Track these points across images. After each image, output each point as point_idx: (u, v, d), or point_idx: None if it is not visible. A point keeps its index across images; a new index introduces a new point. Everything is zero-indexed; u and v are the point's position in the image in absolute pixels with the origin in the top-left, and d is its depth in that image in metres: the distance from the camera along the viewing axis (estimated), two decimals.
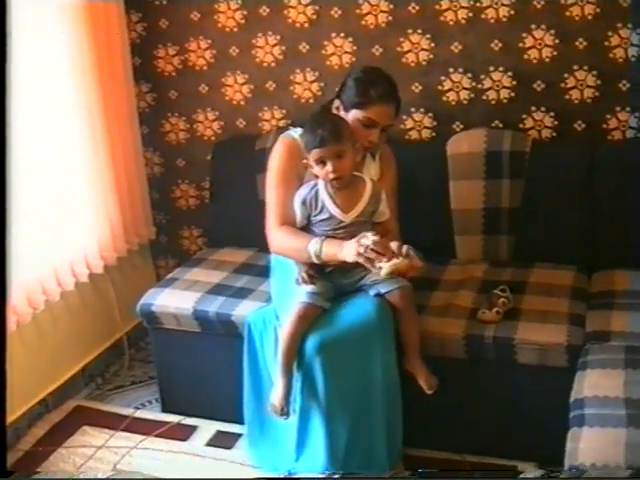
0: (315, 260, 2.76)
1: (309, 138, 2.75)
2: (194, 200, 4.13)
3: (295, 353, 2.75)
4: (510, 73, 3.42)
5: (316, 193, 2.81)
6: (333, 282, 2.82)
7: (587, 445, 2.25)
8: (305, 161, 2.82)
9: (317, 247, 2.74)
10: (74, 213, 3.51)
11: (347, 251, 2.67)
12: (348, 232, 2.78)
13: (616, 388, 2.45)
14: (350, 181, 2.81)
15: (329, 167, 2.72)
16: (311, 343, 2.69)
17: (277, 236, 2.87)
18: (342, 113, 2.91)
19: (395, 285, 2.78)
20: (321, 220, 2.81)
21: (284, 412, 2.76)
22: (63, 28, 3.32)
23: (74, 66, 3.40)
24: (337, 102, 2.95)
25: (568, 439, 2.32)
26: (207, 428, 3.34)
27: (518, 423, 2.95)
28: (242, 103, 3.86)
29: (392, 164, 3.05)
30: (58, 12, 3.29)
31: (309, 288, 2.78)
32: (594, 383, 2.51)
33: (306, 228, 2.86)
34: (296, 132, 2.94)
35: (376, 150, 3.00)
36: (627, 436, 2.23)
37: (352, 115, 2.87)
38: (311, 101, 3.73)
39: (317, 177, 2.81)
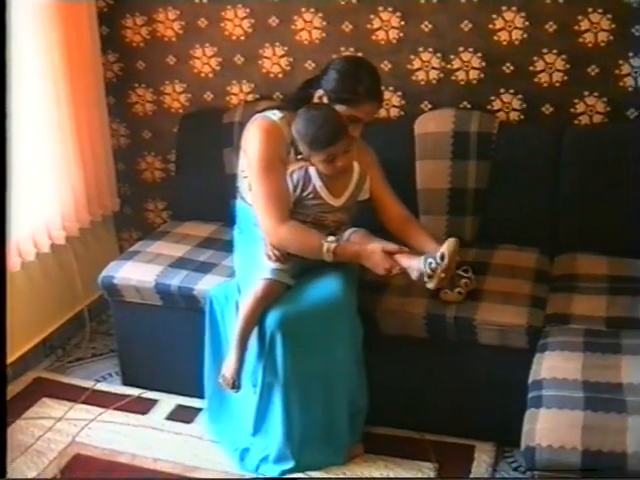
0: (327, 257, 2.73)
1: (317, 136, 2.72)
2: (160, 173, 4.09)
3: (252, 328, 2.76)
4: (480, 54, 3.41)
5: (307, 177, 2.81)
6: (300, 258, 2.80)
7: (544, 426, 2.27)
8: (300, 156, 2.81)
9: (333, 245, 2.73)
10: (37, 183, 3.46)
11: (373, 260, 2.73)
12: (335, 215, 2.85)
13: (574, 371, 2.48)
14: None
15: (340, 162, 2.74)
16: (272, 318, 2.70)
17: (284, 232, 2.77)
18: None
19: (350, 231, 2.85)
20: (311, 204, 2.82)
21: (235, 385, 2.77)
22: None
23: (40, 34, 3.34)
24: (320, 92, 2.87)
25: (525, 420, 2.35)
26: (167, 402, 3.33)
27: (477, 403, 2.98)
28: (210, 76, 3.82)
29: (372, 157, 3.01)
30: None
31: (276, 265, 2.78)
32: (553, 365, 2.54)
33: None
34: (274, 115, 2.89)
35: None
36: (584, 419, 2.26)
37: (337, 109, 2.81)
38: (280, 76, 3.70)
39: (307, 163, 2.81)
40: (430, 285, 2.68)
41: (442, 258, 2.63)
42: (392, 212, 2.97)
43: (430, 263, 2.64)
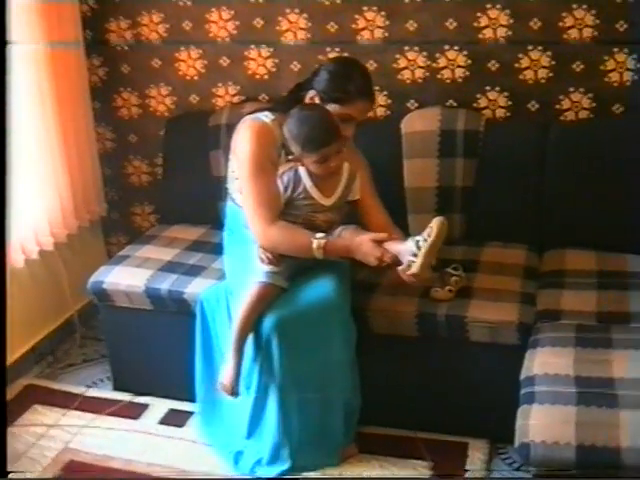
0: (318, 254, 2.74)
1: (312, 137, 2.71)
2: (146, 176, 4.08)
3: (249, 333, 2.76)
4: (465, 52, 3.42)
5: (297, 178, 2.81)
6: (292, 259, 2.80)
7: (537, 422, 2.28)
8: (291, 157, 2.80)
9: (323, 242, 2.73)
10: (23, 189, 3.43)
11: (363, 251, 2.72)
12: (326, 215, 2.84)
13: (566, 366, 2.48)
14: None
15: (332, 163, 2.74)
16: (268, 322, 2.70)
17: (273, 233, 2.78)
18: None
19: (340, 229, 2.82)
20: (302, 204, 2.82)
21: (234, 391, 2.78)
22: None
23: (24, 38, 3.31)
24: (312, 92, 2.87)
25: (518, 416, 2.36)
26: (159, 406, 3.32)
27: (470, 400, 2.98)
28: (195, 78, 3.81)
29: (361, 160, 3.01)
30: None
31: (269, 267, 2.78)
32: (545, 361, 2.54)
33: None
34: (265, 116, 2.88)
35: (346, 143, 2.94)
36: (577, 414, 2.26)
37: (329, 108, 2.81)
38: (265, 77, 3.70)
39: (297, 163, 2.81)
40: (414, 268, 2.61)
41: (429, 235, 2.60)
42: (374, 217, 2.95)
43: (417, 241, 2.62)
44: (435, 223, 2.61)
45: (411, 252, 2.63)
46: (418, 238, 2.63)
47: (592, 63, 3.30)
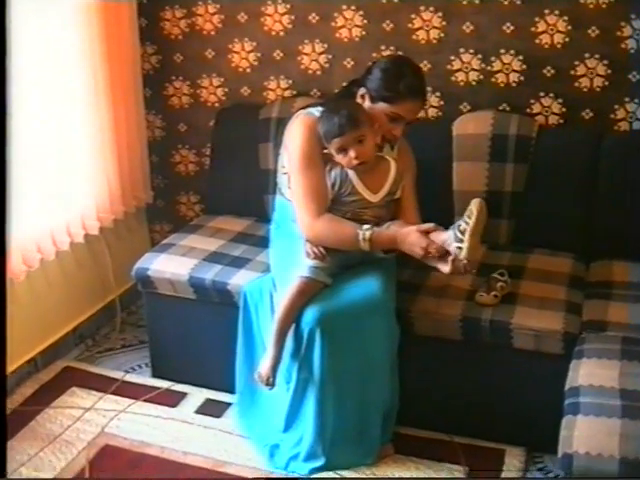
0: (364, 245, 2.74)
1: (327, 128, 2.74)
2: (193, 166, 4.09)
3: (290, 326, 2.76)
4: (521, 57, 3.39)
5: (344, 174, 2.81)
6: (338, 255, 2.80)
7: (581, 433, 2.25)
8: (326, 151, 2.81)
9: (369, 233, 2.73)
10: (73, 173, 3.47)
11: (409, 241, 2.72)
12: (374, 211, 2.84)
13: (612, 378, 2.45)
14: (376, 162, 2.83)
15: (352, 154, 2.73)
16: (312, 315, 2.70)
17: (320, 226, 2.79)
18: (367, 103, 2.85)
19: (387, 223, 2.82)
20: (349, 200, 2.82)
21: (270, 382, 2.78)
22: None
23: (79, 25, 3.35)
24: (363, 90, 2.87)
25: (562, 426, 2.33)
26: (197, 395, 3.33)
27: (509, 407, 2.96)
28: (248, 71, 3.81)
29: (411, 160, 3.00)
30: None
31: (315, 262, 2.77)
32: (590, 372, 2.51)
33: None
34: (318, 111, 2.88)
35: (396, 142, 2.96)
36: (622, 427, 2.23)
37: (379, 107, 2.81)
38: (318, 72, 3.70)
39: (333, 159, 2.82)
40: (463, 253, 2.58)
41: (470, 217, 2.58)
42: (406, 218, 2.90)
43: (459, 225, 2.60)
44: (474, 205, 2.59)
45: (456, 239, 2.61)
46: (460, 222, 2.61)
47: None
